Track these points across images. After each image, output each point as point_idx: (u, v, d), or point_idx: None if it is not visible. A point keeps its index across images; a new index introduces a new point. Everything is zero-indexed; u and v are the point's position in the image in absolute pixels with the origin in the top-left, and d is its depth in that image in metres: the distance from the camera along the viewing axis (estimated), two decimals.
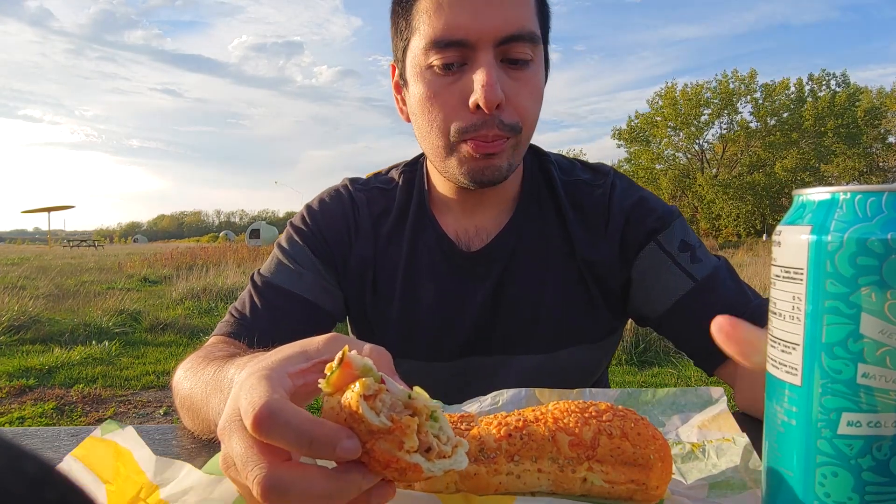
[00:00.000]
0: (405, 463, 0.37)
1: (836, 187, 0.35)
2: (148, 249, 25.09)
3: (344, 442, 0.37)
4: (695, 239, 0.92)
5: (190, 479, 0.49)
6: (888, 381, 0.33)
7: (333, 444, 0.37)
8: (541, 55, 0.84)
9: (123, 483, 0.51)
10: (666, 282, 0.89)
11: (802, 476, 0.35)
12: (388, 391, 0.40)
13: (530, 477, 0.45)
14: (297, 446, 0.38)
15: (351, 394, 0.38)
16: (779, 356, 0.37)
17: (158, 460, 0.52)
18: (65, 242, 42.41)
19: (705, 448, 0.55)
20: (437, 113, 0.82)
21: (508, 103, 0.80)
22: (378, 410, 0.38)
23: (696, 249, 0.90)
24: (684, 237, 0.91)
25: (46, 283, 8.98)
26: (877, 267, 0.32)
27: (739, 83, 34.41)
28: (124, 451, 0.53)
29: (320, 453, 0.37)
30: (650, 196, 0.97)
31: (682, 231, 0.92)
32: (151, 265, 13.26)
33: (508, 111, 0.80)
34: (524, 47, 0.79)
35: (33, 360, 4.62)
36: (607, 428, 0.46)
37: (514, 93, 0.80)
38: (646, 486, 0.45)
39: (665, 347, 4.97)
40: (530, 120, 0.84)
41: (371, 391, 0.39)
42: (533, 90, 0.83)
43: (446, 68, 0.80)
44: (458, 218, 0.95)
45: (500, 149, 0.81)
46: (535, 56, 0.82)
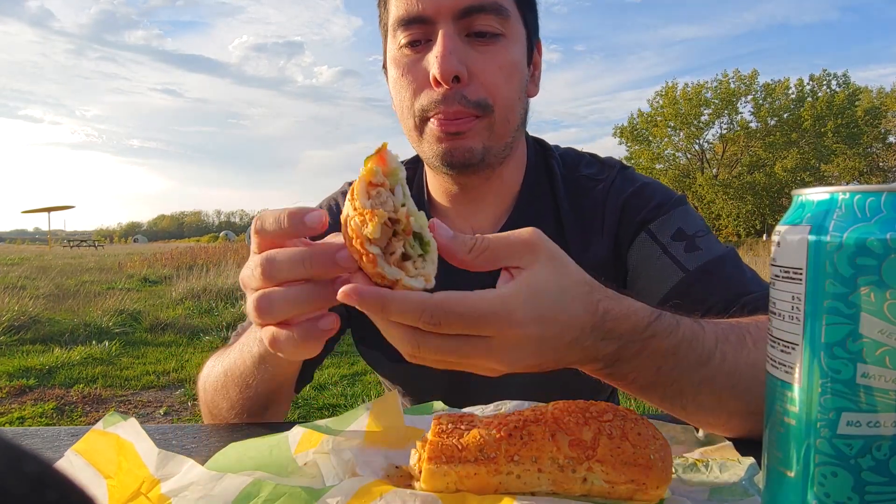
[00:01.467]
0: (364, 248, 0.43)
1: (835, 187, 0.35)
2: (148, 249, 25.09)
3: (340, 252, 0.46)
4: (698, 227, 0.85)
5: (192, 474, 0.49)
6: (887, 381, 0.33)
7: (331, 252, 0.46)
8: (516, 31, 0.81)
9: (125, 477, 0.51)
10: (655, 274, 0.83)
11: (802, 476, 0.35)
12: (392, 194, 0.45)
13: (530, 477, 0.45)
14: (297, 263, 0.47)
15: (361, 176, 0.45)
16: (778, 356, 0.37)
17: (160, 454, 0.52)
18: (65, 242, 42.41)
19: (708, 463, 0.53)
20: (406, 92, 0.80)
21: (473, 79, 0.77)
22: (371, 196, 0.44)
23: (695, 238, 0.83)
24: (682, 225, 0.84)
25: (46, 283, 8.99)
26: (876, 267, 0.32)
27: (740, 83, 34.41)
28: (126, 445, 0.53)
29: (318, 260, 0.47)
30: (652, 184, 0.91)
31: (682, 219, 0.85)
32: (151, 265, 13.26)
33: (474, 87, 0.77)
34: (488, 19, 0.76)
35: (33, 360, 4.62)
36: (607, 428, 0.46)
37: (479, 67, 0.76)
38: (646, 486, 0.45)
39: None
40: (502, 97, 0.79)
41: (376, 179, 0.45)
42: (503, 65, 0.78)
43: (412, 46, 0.79)
44: (455, 222, 0.91)
45: (467, 127, 0.77)
46: (507, 31, 0.78)
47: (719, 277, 0.79)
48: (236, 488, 0.47)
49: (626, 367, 0.53)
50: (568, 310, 0.47)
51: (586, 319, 0.48)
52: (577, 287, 0.49)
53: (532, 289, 0.46)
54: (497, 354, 0.46)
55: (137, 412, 3.64)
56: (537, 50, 0.90)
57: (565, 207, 0.90)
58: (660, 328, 0.53)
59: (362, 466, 0.51)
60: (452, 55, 0.74)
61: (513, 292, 0.45)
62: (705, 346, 0.55)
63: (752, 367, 0.56)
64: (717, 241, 0.84)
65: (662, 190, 0.91)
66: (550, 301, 0.46)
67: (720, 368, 0.55)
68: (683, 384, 0.55)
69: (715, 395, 0.56)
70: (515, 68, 0.81)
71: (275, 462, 0.54)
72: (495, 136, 0.81)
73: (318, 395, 3.84)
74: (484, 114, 0.78)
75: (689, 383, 0.55)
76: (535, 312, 0.46)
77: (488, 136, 0.80)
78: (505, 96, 0.79)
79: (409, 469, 0.50)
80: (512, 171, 0.90)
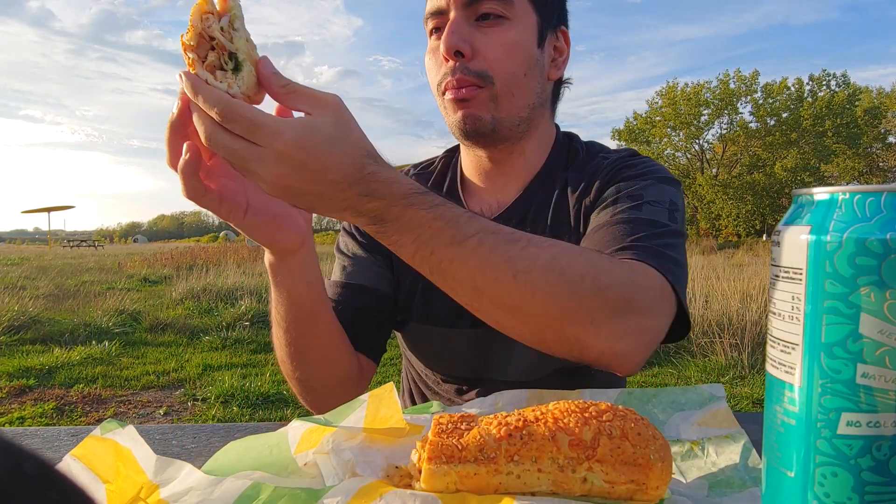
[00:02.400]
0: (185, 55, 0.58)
1: (835, 187, 0.35)
2: (148, 249, 25.10)
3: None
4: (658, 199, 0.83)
5: (190, 479, 0.49)
6: (887, 381, 0.33)
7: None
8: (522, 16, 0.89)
9: (123, 482, 0.51)
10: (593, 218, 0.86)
11: (802, 476, 0.35)
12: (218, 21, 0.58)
13: (530, 477, 0.45)
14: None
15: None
16: (778, 356, 0.37)
17: (158, 459, 0.52)
18: (65, 242, 42.40)
19: (704, 446, 0.55)
20: (431, 71, 0.93)
21: (476, 54, 0.87)
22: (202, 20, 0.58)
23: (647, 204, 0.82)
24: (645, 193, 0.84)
25: (46, 283, 8.99)
26: (876, 267, 0.32)
27: (740, 83, 34.42)
28: (124, 451, 0.53)
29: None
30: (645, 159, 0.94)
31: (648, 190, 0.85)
32: (151, 265, 13.27)
33: (476, 61, 0.87)
34: (491, 4, 0.87)
35: (33, 360, 4.62)
36: (607, 428, 0.46)
37: (481, 44, 0.87)
38: (646, 486, 0.45)
39: (665, 347, 4.98)
40: (502, 69, 0.87)
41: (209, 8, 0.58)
42: (504, 43, 0.87)
43: (435, 32, 0.91)
44: (483, 196, 1.00)
45: (470, 95, 0.87)
46: (512, 15, 0.88)
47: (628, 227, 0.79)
48: (235, 491, 0.47)
49: (390, 228, 0.61)
50: (334, 156, 0.56)
51: (350, 172, 0.57)
52: (349, 146, 0.58)
53: (308, 126, 0.56)
54: (263, 164, 0.56)
55: (137, 412, 3.64)
56: (563, 37, 0.97)
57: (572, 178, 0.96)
58: (419, 200, 0.60)
59: (362, 466, 0.51)
60: (454, 34, 0.86)
61: (291, 121, 0.56)
62: (463, 229, 0.62)
63: (509, 262, 0.62)
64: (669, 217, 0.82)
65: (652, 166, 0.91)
66: (319, 141, 0.56)
67: (475, 251, 0.61)
68: (439, 258, 0.62)
69: (471, 278, 0.63)
70: (518, 46, 0.89)
71: (275, 462, 0.54)
72: (502, 108, 0.89)
73: None
74: (485, 84, 0.87)
75: (444, 258, 0.62)
76: (301, 142, 0.55)
77: (494, 108, 0.89)
78: (505, 70, 0.88)
79: (409, 469, 0.50)
80: (535, 149, 0.98)
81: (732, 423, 0.57)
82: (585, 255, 0.66)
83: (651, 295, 0.69)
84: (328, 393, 0.88)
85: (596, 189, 0.91)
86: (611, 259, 0.69)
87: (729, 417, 0.58)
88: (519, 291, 0.62)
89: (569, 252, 0.65)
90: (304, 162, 0.56)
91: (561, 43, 0.97)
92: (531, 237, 0.65)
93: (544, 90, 0.95)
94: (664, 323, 0.72)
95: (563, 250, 0.65)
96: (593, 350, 0.65)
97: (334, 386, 0.89)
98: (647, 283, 0.70)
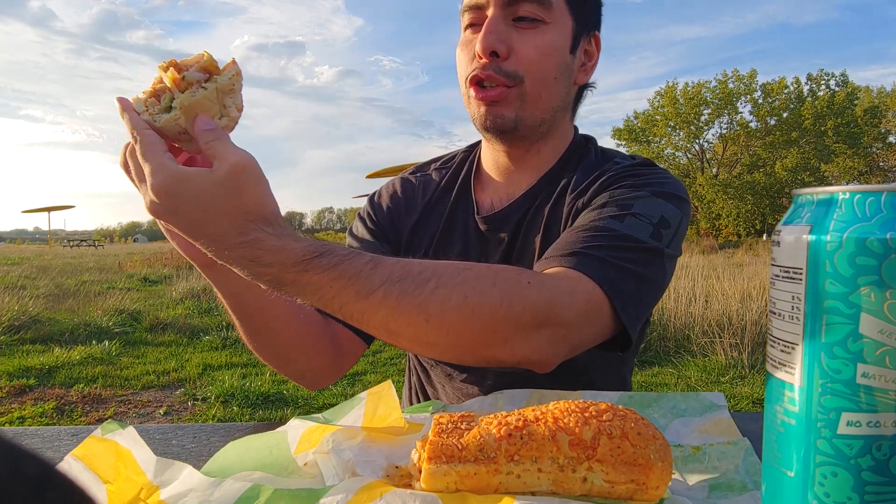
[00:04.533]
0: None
1: (835, 187, 0.35)
2: (148, 249, 25.08)
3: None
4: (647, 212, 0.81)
5: (190, 480, 0.49)
6: (888, 381, 0.33)
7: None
8: (560, 20, 0.90)
9: (124, 483, 0.51)
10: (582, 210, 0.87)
11: (802, 476, 0.35)
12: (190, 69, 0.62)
13: (530, 477, 0.45)
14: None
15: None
16: (778, 356, 0.37)
17: (159, 461, 0.52)
18: (65, 242, 42.38)
19: (706, 451, 0.55)
20: (461, 65, 0.93)
21: (511, 54, 0.87)
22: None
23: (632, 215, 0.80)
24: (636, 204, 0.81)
25: (46, 283, 8.98)
26: (876, 266, 0.32)
27: (739, 83, 34.41)
28: (125, 451, 0.53)
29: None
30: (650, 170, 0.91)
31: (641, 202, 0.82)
32: (151, 265, 13.26)
33: (511, 61, 0.87)
34: (531, 7, 0.87)
35: (33, 360, 4.61)
36: (607, 428, 0.46)
37: (517, 45, 0.87)
38: (646, 485, 0.45)
39: (665, 347, 4.98)
40: (534, 71, 0.88)
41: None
42: (539, 46, 0.88)
43: (471, 27, 0.92)
44: (497, 189, 1.01)
45: (500, 96, 0.88)
46: (550, 18, 0.88)
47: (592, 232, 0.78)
48: (235, 493, 0.47)
49: (290, 290, 0.61)
50: (207, 212, 0.59)
51: (229, 233, 0.59)
52: (231, 208, 0.59)
53: (181, 176, 0.59)
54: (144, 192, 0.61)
55: (137, 412, 3.64)
56: (594, 42, 0.98)
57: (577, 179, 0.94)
58: (314, 264, 0.60)
59: (362, 466, 0.51)
60: (492, 34, 0.86)
61: (171, 166, 0.59)
62: (366, 283, 0.62)
63: (419, 307, 0.63)
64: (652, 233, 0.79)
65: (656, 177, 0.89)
66: (189, 194, 0.58)
67: (383, 302, 0.62)
68: (350, 311, 0.63)
69: (384, 325, 0.64)
70: (552, 49, 0.89)
71: (275, 462, 0.54)
72: (527, 107, 0.90)
73: (318, 394, 3.85)
74: (515, 84, 0.88)
75: (354, 311, 0.63)
76: (169, 188, 0.59)
77: (520, 106, 0.89)
78: (537, 71, 0.88)
79: (410, 469, 0.50)
80: (550, 149, 0.99)
81: (734, 432, 0.57)
82: (499, 284, 0.65)
83: (572, 309, 0.68)
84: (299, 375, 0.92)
85: (592, 191, 0.89)
86: (530, 279, 0.67)
87: (731, 427, 0.57)
88: (434, 332, 0.63)
89: (480, 286, 0.64)
90: (174, 208, 0.59)
91: (592, 47, 0.98)
92: (440, 274, 0.64)
93: (570, 94, 0.96)
94: (588, 333, 0.72)
95: (474, 286, 0.64)
96: (509, 363, 0.68)
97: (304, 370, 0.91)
98: (569, 297, 0.69)
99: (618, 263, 0.75)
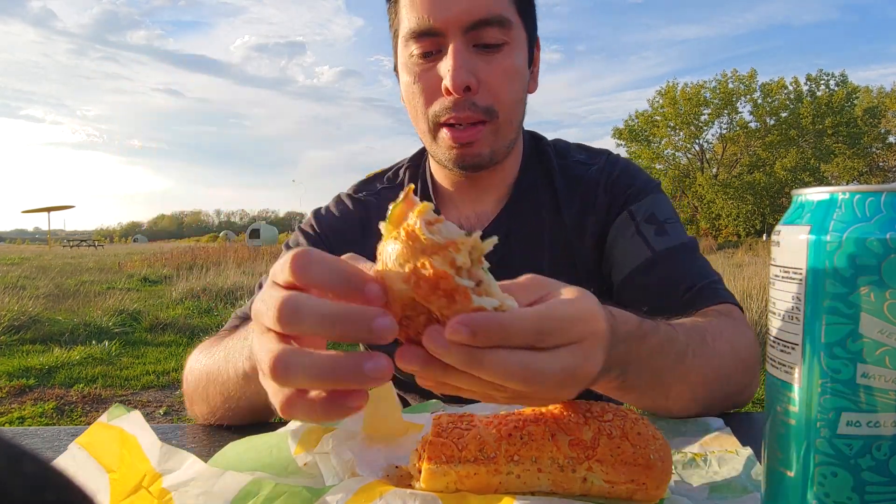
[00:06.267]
0: (454, 284, 0.36)
1: (834, 187, 0.35)
2: (148, 249, 25.09)
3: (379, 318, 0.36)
4: (667, 215, 0.92)
5: (193, 469, 0.50)
6: (887, 381, 0.33)
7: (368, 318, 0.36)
8: (518, 37, 0.86)
9: (127, 471, 0.51)
10: (626, 249, 0.90)
11: (802, 476, 0.35)
12: (445, 223, 0.39)
13: (530, 477, 0.45)
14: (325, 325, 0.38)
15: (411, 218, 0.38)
16: (778, 356, 0.37)
17: (163, 447, 0.52)
18: (65, 242, 42.40)
19: (707, 457, 0.54)
20: (419, 98, 0.86)
21: (482, 87, 0.83)
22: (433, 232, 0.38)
23: (665, 224, 0.90)
24: (655, 211, 0.91)
25: (46, 283, 8.98)
26: (876, 267, 0.32)
27: (739, 83, 34.40)
28: (130, 438, 0.53)
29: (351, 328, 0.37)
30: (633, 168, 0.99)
31: (655, 205, 0.92)
32: (151, 265, 13.26)
33: (482, 94, 0.83)
34: (494, 32, 0.82)
35: (33, 360, 4.61)
36: (607, 428, 0.46)
37: (486, 75, 0.83)
38: (646, 485, 0.45)
39: None
40: (506, 102, 0.85)
41: (430, 218, 0.38)
42: (507, 71, 0.84)
43: (425, 56, 0.85)
44: (459, 207, 0.98)
45: (476, 136, 0.84)
46: (511, 39, 0.84)
47: (677, 263, 0.87)
48: (237, 486, 0.47)
49: (632, 369, 0.53)
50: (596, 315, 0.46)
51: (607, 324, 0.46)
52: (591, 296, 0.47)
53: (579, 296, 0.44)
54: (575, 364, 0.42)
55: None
56: (536, 47, 0.94)
57: (561, 190, 0.96)
58: (648, 327, 0.55)
59: (362, 466, 0.51)
60: (463, 69, 0.81)
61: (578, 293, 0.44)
62: (680, 342, 0.60)
63: (710, 359, 0.65)
64: (682, 230, 0.92)
65: (643, 175, 0.98)
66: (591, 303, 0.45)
67: (693, 363, 0.61)
68: (670, 381, 0.60)
69: (690, 388, 0.63)
70: (518, 73, 0.87)
71: (275, 462, 0.54)
72: (500, 139, 0.88)
73: None
74: (490, 119, 0.85)
75: (674, 379, 0.60)
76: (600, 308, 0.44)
77: (494, 140, 0.87)
78: (509, 101, 0.86)
79: (409, 469, 0.50)
80: (511, 161, 0.97)
81: (735, 443, 0.56)
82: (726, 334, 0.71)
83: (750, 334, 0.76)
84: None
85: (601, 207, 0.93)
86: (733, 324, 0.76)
87: (731, 439, 0.57)
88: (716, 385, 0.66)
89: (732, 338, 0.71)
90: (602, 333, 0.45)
91: (536, 53, 0.95)
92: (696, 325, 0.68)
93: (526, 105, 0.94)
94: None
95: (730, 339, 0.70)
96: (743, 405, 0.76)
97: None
98: (743, 326, 0.77)
99: (710, 273, 0.87)
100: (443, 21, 0.81)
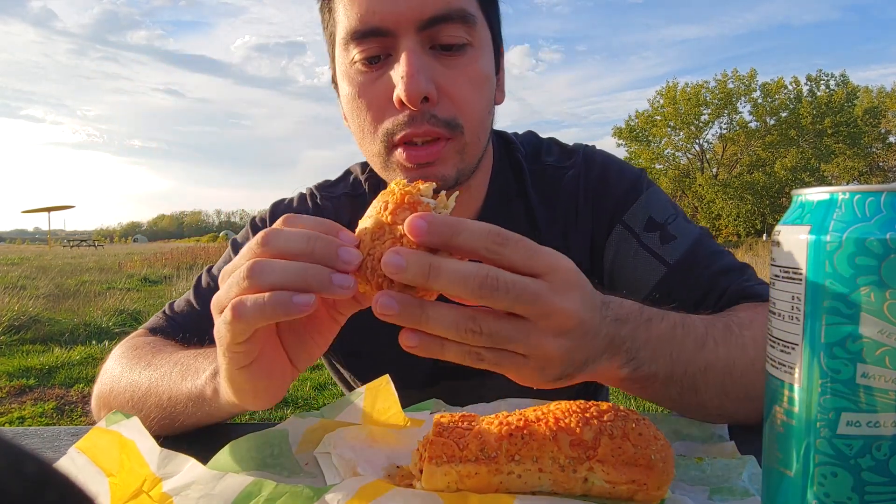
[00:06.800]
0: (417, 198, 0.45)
1: (834, 187, 0.35)
2: (148, 249, 25.08)
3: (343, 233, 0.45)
4: (666, 212, 0.82)
5: (193, 473, 0.50)
6: (887, 381, 0.33)
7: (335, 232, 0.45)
8: (483, 38, 0.73)
9: (127, 475, 0.51)
10: (636, 270, 0.80)
11: (802, 476, 0.35)
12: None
13: (531, 477, 0.45)
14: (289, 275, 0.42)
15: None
16: (778, 356, 0.37)
17: (162, 452, 0.52)
18: (65, 242, 42.40)
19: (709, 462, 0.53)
20: (365, 114, 0.72)
21: (443, 95, 0.69)
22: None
23: (667, 226, 0.80)
24: (651, 213, 0.81)
25: (46, 283, 8.98)
26: (876, 267, 0.32)
27: (739, 83, 34.41)
28: (128, 443, 0.53)
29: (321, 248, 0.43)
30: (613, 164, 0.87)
31: (649, 206, 0.82)
32: (151, 265, 13.26)
33: (443, 105, 0.69)
34: (455, 29, 0.68)
35: (33, 360, 4.61)
36: (609, 428, 0.46)
37: (448, 83, 0.69)
38: (647, 486, 0.45)
39: None
40: (472, 114, 0.72)
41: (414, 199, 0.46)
42: (473, 78, 0.71)
43: (370, 62, 0.70)
44: None
45: (437, 155, 0.70)
46: (475, 39, 0.71)
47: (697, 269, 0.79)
48: (237, 487, 0.47)
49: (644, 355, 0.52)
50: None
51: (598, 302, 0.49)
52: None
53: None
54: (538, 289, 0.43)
55: None
56: (501, 52, 0.82)
57: (537, 204, 0.86)
58: (651, 313, 0.53)
59: (363, 466, 0.51)
60: (420, 74, 0.66)
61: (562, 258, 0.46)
62: (697, 329, 0.56)
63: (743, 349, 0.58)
64: (686, 222, 0.82)
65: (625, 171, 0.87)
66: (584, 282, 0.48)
67: (716, 352, 0.56)
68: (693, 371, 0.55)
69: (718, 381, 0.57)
70: (485, 80, 0.74)
71: (276, 462, 0.54)
72: (467, 157, 0.74)
73: (318, 395, 3.85)
74: (453, 134, 0.71)
75: (697, 370, 0.55)
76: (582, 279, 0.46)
77: (460, 160, 0.73)
78: (476, 113, 0.73)
79: (411, 468, 0.50)
80: (479, 178, 0.84)
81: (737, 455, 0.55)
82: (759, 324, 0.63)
83: None
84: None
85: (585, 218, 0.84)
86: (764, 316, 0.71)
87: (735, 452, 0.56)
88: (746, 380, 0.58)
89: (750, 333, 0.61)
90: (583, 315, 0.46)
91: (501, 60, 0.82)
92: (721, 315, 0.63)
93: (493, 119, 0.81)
94: None
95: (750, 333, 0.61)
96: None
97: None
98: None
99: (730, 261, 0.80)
100: (391, 17, 0.67)
